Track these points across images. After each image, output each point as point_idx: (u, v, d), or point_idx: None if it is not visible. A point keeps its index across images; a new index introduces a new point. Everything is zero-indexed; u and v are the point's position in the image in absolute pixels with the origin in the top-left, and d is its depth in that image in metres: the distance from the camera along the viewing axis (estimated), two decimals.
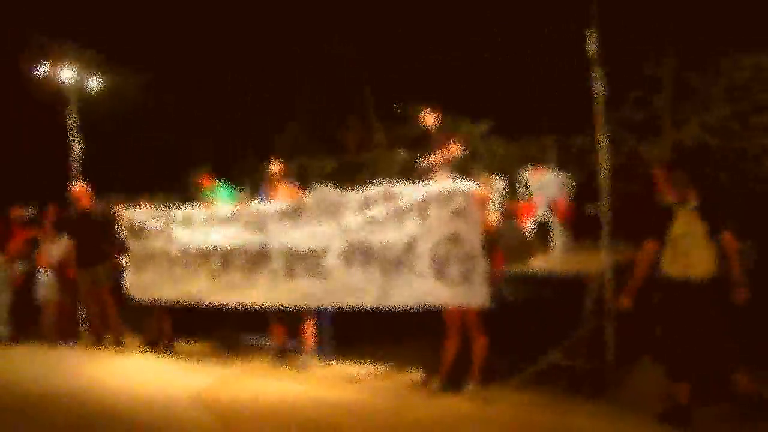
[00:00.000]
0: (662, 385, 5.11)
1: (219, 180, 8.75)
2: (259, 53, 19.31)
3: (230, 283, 6.90)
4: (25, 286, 9.35)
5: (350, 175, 16.24)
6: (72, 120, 11.07)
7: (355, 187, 6.20)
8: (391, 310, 5.75)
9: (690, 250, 4.87)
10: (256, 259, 6.68)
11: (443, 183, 5.76)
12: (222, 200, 8.13)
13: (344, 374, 6.67)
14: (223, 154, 19.22)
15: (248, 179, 13.07)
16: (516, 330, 6.15)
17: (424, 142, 7.25)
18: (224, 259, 6.96)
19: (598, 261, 6.57)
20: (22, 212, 9.91)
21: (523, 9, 15.77)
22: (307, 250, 6.27)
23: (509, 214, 9.36)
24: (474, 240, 5.36)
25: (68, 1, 17.80)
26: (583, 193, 12.31)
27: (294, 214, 6.45)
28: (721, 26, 14.31)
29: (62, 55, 11.54)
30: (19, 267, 9.40)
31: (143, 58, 18.36)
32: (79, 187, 8.88)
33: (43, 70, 11.70)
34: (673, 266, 4.95)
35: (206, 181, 8.60)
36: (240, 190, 9.52)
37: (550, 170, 13.02)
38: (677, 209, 4.99)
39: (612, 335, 5.69)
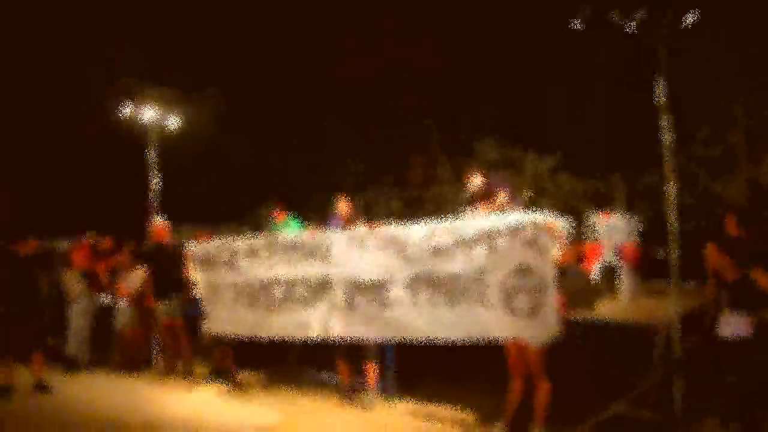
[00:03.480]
0: None
1: (291, 214, 8.79)
2: (326, 90, 19.80)
3: (290, 315, 6.72)
4: (104, 314, 9.76)
5: (415, 210, 16.35)
6: (151, 157, 11.59)
7: (420, 221, 5.97)
8: (455, 344, 5.56)
9: None
10: (317, 289, 6.49)
11: (513, 214, 5.53)
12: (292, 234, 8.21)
13: (407, 413, 6.66)
14: (291, 189, 19.62)
15: (316, 215, 13.29)
16: (581, 377, 6.07)
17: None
18: (285, 290, 6.77)
19: (666, 306, 6.43)
20: (108, 243, 10.37)
21: (591, 46, 15.66)
22: (371, 281, 6.08)
23: (575, 257, 9.18)
24: (544, 272, 5.12)
25: (150, 41, 18.75)
26: (652, 233, 12.00)
27: (358, 244, 6.23)
28: None
29: (145, 96, 12.01)
30: (100, 296, 9.83)
31: (217, 96, 19.12)
32: (158, 222, 9.30)
33: (126, 110, 12.14)
34: None
35: (279, 215, 8.68)
36: (309, 226, 9.63)
37: (618, 213, 12.73)
38: None
39: (680, 386, 5.56)
